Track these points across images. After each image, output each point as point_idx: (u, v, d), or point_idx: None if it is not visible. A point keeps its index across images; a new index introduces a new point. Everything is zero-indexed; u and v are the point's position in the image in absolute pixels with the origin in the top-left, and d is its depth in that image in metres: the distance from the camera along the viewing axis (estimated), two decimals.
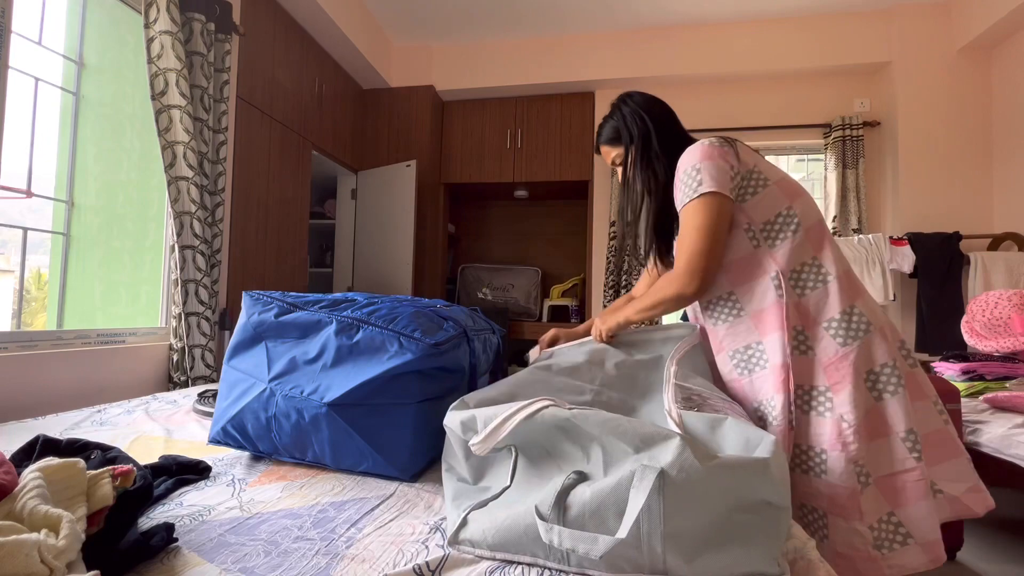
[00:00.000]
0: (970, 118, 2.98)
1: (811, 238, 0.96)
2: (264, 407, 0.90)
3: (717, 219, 0.94)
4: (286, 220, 2.78)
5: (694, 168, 0.96)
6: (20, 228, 1.73)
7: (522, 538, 0.58)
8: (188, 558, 0.59)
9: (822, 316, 0.94)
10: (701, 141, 1.00)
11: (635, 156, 1.10)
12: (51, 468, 0.57)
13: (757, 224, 0.97)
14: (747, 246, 0.97)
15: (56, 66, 1.81)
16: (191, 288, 2.02)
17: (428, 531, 0.66)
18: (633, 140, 1.10)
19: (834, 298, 0.94)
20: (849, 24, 3.10)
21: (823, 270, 0.95)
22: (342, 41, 3.01)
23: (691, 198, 0.95)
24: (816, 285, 0.95)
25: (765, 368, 0.96)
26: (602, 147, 1.19)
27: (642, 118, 1.10)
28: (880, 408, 0.91)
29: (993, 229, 2.91)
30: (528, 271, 3.83)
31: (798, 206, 0.97)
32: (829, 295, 0.94)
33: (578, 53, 3.41)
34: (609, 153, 1.18)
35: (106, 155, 1.99)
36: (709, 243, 0.94)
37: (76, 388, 1.69)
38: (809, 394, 0.94)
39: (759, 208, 0.97)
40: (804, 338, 0.94)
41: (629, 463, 0.56)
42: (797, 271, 0.95)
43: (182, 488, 0.80)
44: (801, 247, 0.96)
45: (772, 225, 0.97)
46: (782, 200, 0.97)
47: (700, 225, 0.94)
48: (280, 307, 0.97)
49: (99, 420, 1.26)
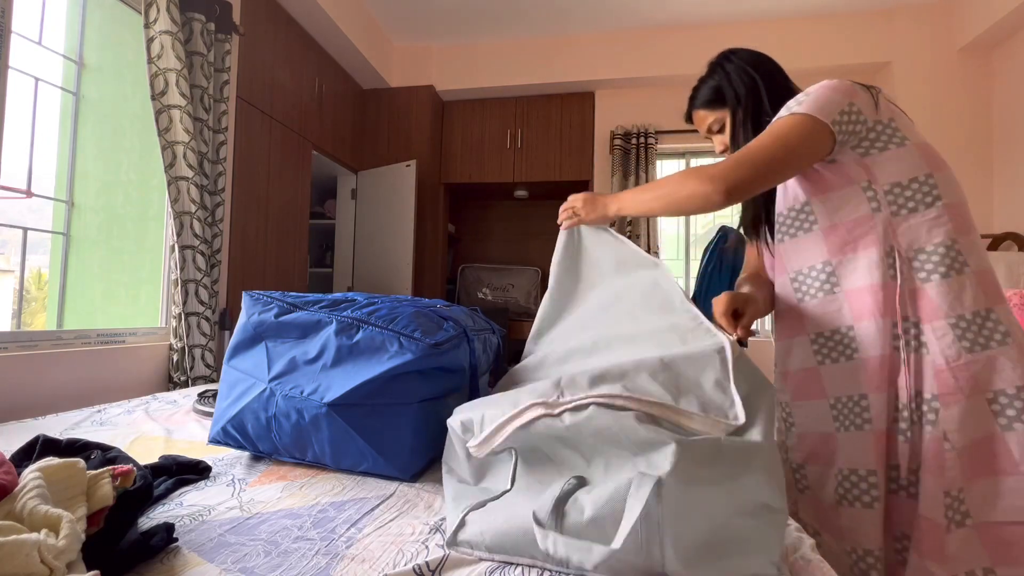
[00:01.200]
0: (970, 118, 2.98)
1: (953, 217, 0.79)
2: (264, 407, 0.90)
3: (796, 139, 0.79)
4: (286, 220, 2.78)
5: (805, 93, 0.84)
6: (20, 228, 1.73)
7: (519, 541, 0.57)
8: (188, 558, 0.59)
9: (949, 310, 0.77)
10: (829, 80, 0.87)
11: (743, 118, 0.96)
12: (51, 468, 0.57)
13: (881, 184, 0.81)
14: (863, 207, 0.81)
15: (56, 66, 1.81)
16: (191, 288, 2.02)
17: (428, 531, 0.66)
18: (741, 101, 0.96)
19: (969, 293, 0.77)
20: (849, 24, 3.10)
21: (960, 258, 0.78)
22: (342, 41, 3.01)
23: (780, 116, 0.83)
24: (948, 273, 0.78)
25: (852, 360, 0.82)
26: (697, 112, 1.05)
27: (750, 75, 0.96)
28: (1001, 440, 0.74)
29: (993, 229, 2.91)
30: (528, 271, 3.83)
31: (941, 177, 0.81)
32: (964, 288, 0.78)
33: (578, 53, 3.41)
34: (705, 119, 1.03)
35: (106, 155, 1.99)
36: (768, 155, 0.79)
37: (76, 388, 1.69)
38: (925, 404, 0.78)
39: (888, 166, 0.81)
40: (917, 332, 0.79)
41: (628, 469, 0.56)
42: (927, 252, 0.79)
43: (182, 488, 0.80)
44: (936, 224, 0.79)
45: (903, 190, 0.80)
46: (920, 165, 0.81)
47: (771, 135, 0.80)
48: (280, 307, 0.97)
49: (99, 420, 1.26)
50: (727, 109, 0.99)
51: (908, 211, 0.80)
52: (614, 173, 3.37)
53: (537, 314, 1.09)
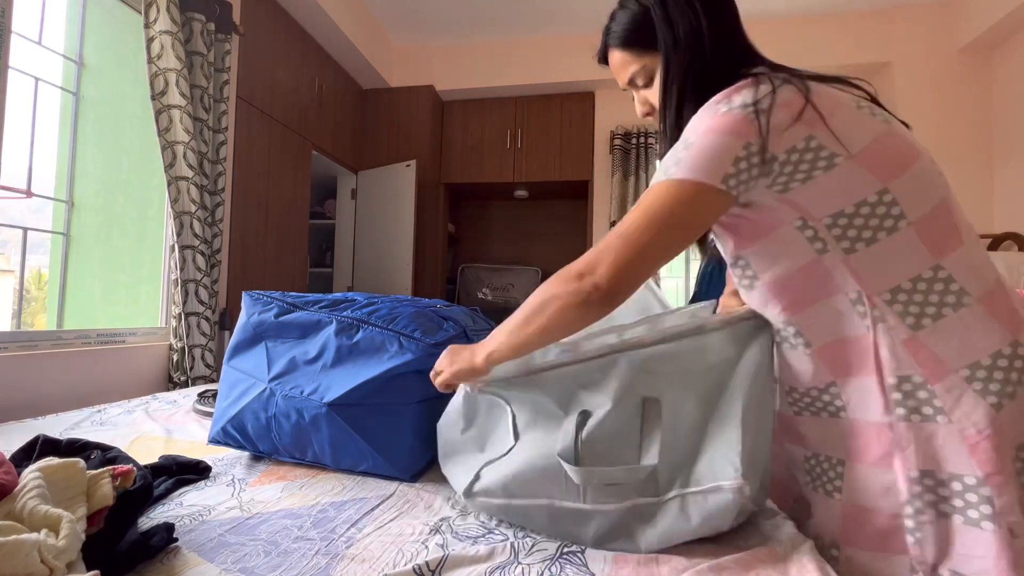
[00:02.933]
0: (970, 118, 2.98)
1: (926, 235, 0.60)
2: (264, 407, 0.90)
3: (676, 216, 0.61)
4: (286, 220, 2.78)
5: (685, 139, 0.63)
6: (20, 228, 1.73)
7: (538, 480, 0.64)
8: (188, 558, 0.59)
9: (958, 360, 0.59)
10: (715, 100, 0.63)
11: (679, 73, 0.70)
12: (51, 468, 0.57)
13: (819, 219, 0.62)
14: (806, 251, 0.63)
15: (56, 66, 1.81)
16: (191, 288, 2.02)
17: (428, 531, 0.67)
18: (677, 45, 0.69)
19: (979, 330, 0.59)
20: (849, 24, 3.10)
21: (953, 286, 0.60)
22: (342, 41, 3.01)
23: (658, 180, 0.63)
24: (943, 311, 0.60)
25: (840, 418, 0.66)
26: (614, 52, 0.78)
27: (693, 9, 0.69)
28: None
29: (993, 229, 2.91)
30: (528, 271, 3.83)
31: (899, 187, 0.60)
32: (969, 326, 0.59)
33: (578, 53, 3.40)
34: (626, 65, 0.77)
35: (106, 155, 1.99)
36: (644, 238, 0.61)
37: (76, 388, 1.69)
38: (945, 487, 0.60)
39: (822, 195, 0.61)
40: (927, 395, 0.60)
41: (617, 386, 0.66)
42: (907, 290, 0.61)
43: (182, 488, 0.80)
44: (908, 251, 0.60)
45: (850, 220, 0.61)
46: (866, 182, 0.60)
47: (646, 212, 0.61)
48: (280, 307, 0.97)
49: (99, 420, 1.26)
50: (658, 55, 0.72)
51: (864, 243, 0.61)
52: (614, 173, 3.37)
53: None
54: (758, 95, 0.61)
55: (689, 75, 0.69)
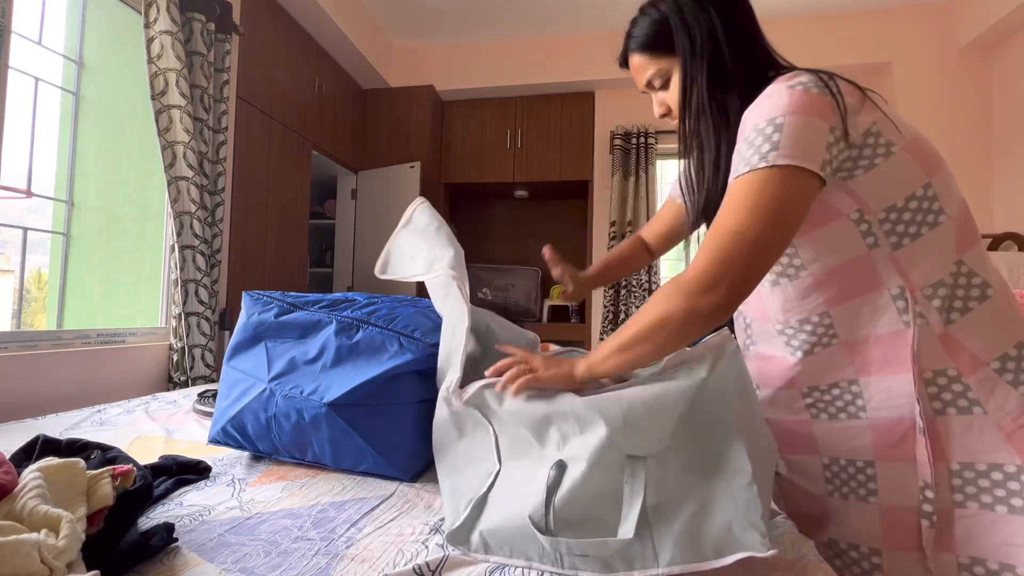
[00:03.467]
0: (970, 118, 2.98)
1: (960, 233, 0.63)
2: (264, 407, 0.90)
3: (786, 206, 0.58)
4: (286, 220, 2.78)
5: (770, 122, 0.60)
6: (20, 228, 1.73)
7: (516, 538, 0.58)
8: (188, 558, 0.59)
9: (988, 352, 0.61)
10: (791, 78, 0.62)
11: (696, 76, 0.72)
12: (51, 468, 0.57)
13: (875, 211, 0.62)
14: (858, 246, 0.63)
15: (56, 66, 1.81)
16: (191, 288, 2.02)
17: (428, 531, 0.66)
18: (696, 49, 0.71)
19: (1002, 321, 0.62)
20: (849, 24, 3.10)
21: (976, 279, 0.62)
22: (342, 41, 3.01)
23: (753, 167, 0.59)
24: (969, 304, 0.61)
25: (860, 419, 0.65)
26: (633, 56, 0.79)
27: (707, 15, 0.70)
28: None
29: (993, 229, 2.91)
30: (528, 271, 3.83)
31: (938, 183, 0.63)
32: (994, 318, 0.61)
33: (578, 53, 3.41)
34: (644, 68, 0.78)
35: (106, 155, 1.99)
36: (758, 240, 0.57)
37: (76, 388, 1.69)
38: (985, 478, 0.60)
39: (878, 186, 0.61)
40: (961, 388, 0.61)
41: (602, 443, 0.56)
42: (948, 285, 0.62)
43: (182, 488, 0.80)
44: (946, 247, 0.62)
45: (900, 214, 0.61)
46: (916, 174, 0.62)
47: (755, 207, 0.58)
48: (280, 307, 0.97)
49: (99, 420, 1.26)
50: (675, 58, 0.74)
51: (911, 238, 0.62)
52: (614, 173, 3.37)
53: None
54: (824, 80, 0.61)
55: (706, 77, 0.71)
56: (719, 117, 0.71)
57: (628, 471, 0.55)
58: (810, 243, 0.66)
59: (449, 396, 0.72)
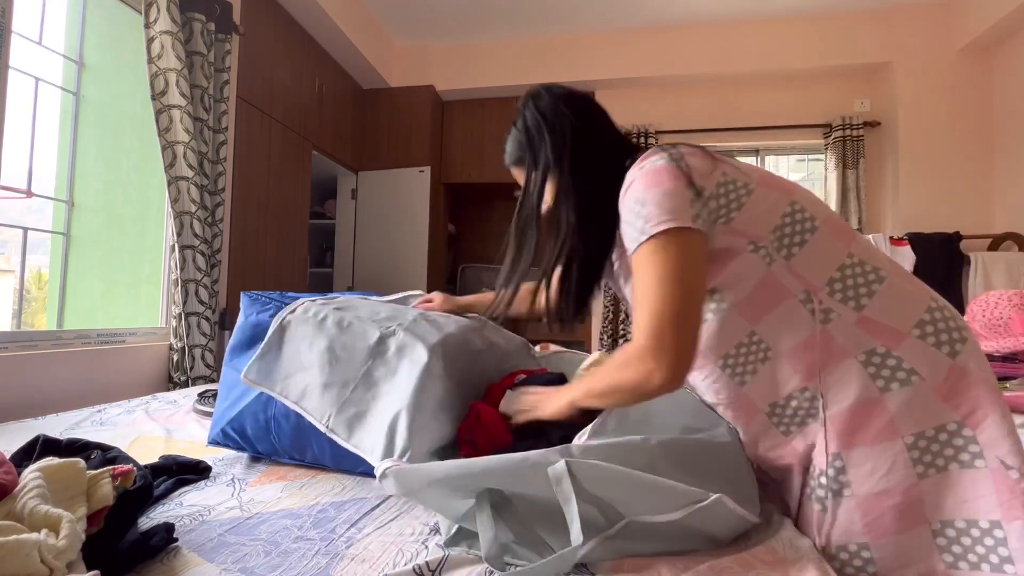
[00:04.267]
0: (970, 118, 2.98)
1: (836, 231, 0.71)
2: (263, 408, 0.90)
3: (686, 262, 0.64)
4: (286, 220, 2.78)
5: (637, 201, 0.68)
6: (20, 228, 1.73)
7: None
8: (188, 558, 0.59)
9: (905, 323, 0.67)
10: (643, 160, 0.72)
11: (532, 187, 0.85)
12: (51, 468, 0.57)
13: (765, 237, 0.70)
14: (759, 267, 0.70)
15: (56, 66, 1.81)
16: (191, 288, 2.02)
17: (428, 531, 0.66)
18: (537, 164, 0.83)
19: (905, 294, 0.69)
20: (849, 24, 3.10)
21: (866, 266, 0.69)
22: (342, 41, 3.01)
23: (639, 242, 0.66)
24: (872, 287, 0.68)
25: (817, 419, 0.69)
26: (512, 169, 0.93)
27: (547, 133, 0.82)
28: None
29: (993, 229, 2.91)
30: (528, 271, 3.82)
31: (800, 198, 0.72)
32: (900, 292, 0.69)
33: (578, 53, 3.41)
34: (519, 177, 0.91)
35: (106, 155, 1.99)
36: (680, 299, 0.63)
37: (76, 388, 1.69)
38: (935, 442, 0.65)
39: (756, 217, 0.70)
40: (895, 362, 0.65)
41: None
42: (838, 279, 0.69)
43: (182, 488, 0.80)
44: (828, 245, 0.70)
45: (782, 230, 0.70)
46: (778, 198, 0.72)
47: (663, 275, 0.64)
48: (278, 307, 0.97)
49: (99, 420, 1.26)
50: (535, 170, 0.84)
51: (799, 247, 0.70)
52: None
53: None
54: (670, 153, 0.70)
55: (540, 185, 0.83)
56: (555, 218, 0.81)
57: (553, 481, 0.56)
58: (725, 281, 0.71)
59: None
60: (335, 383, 0.83)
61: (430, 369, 0.81)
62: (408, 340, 0.85)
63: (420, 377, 0.80)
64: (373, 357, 0.84)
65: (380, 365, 0.84)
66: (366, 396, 0.82)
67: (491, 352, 1.02)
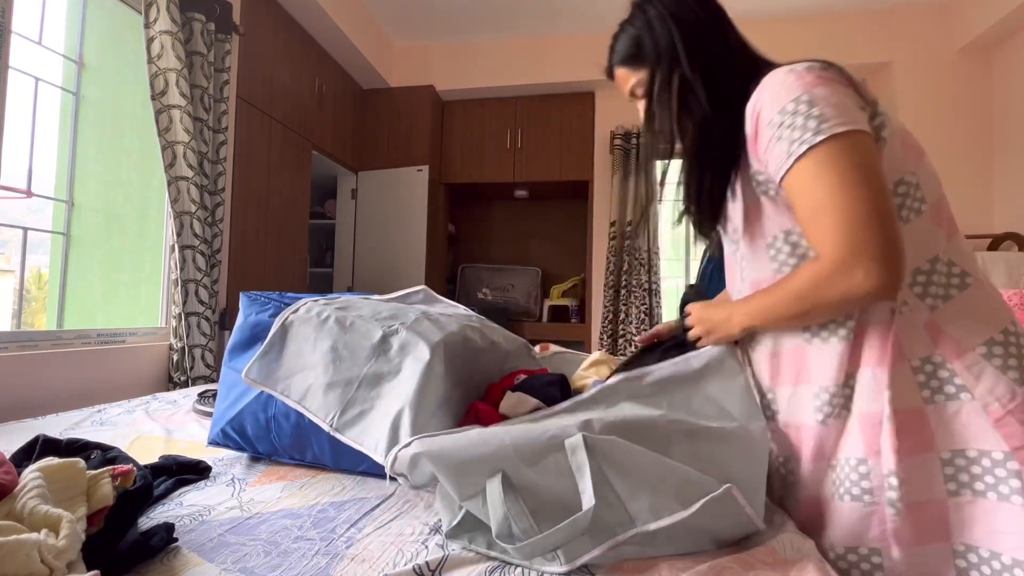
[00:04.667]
0: (970, 118, 2.98)
1: (940, 220, 0.64)
2: (263, 407, 0.90)
3: (873, 163, 0.58)
4: (286, 220, 2.78)
5: (797, 102, 0.60)
6: (20, 228, 1.73)
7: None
8: (188, 558, 0.59)
9: (973, 337, 0.61)
10: (787, 68, 0.65)
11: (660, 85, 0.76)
12: (51, 468, 0.57)
13: None
14: None
15: (56, 66, 1.81)
16: (191, 288, 2.02)
17: (428, 531, 0.66)
18: (661, 60, 0.75)
19: (985, 308, 0.63)
20: (849, 24, 3.10)
21: (955, 268, 0.63)
22: (342, 41, 3.01)
23: (810, 145, 0.59)
24: (950, 292, 0.62)
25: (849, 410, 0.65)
26: (617, 69, 0.84)
27: (667, 27, 0.74)
28: None
29: (993, 229, 2.91)
30: (528, 271, 3.82)
31: (922, 172, 0.65)
32: (980, 305, 0.63)
33: (578, 53, 3.40)
34: (626, 79, 0.83)
35: (106, 155, 1.99)
36: (875, 199, 0.57)
37: (76, 388, 1.69)
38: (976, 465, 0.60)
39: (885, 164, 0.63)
40: (947, 374, 0.61)
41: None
42: (925, 271, 0.63)
43: (182, 488, 0.80)
44: (929, 233, 0.63)
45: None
46: (904, 160, 0.64)
47: (849, 179, 0.57)
48: (277, 307, 0.97)
49: (99, 420, 1.26)
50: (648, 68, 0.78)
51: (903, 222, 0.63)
52: (614, 173, 3.37)
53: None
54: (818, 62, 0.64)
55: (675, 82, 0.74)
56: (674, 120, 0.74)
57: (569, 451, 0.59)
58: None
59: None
60: (339, 382, 0.83)
61: (432, 367, 0.81)
62: (411, 338, 0.85)
63: (422, 375, 0.80)
64: (376, 355, 0.84)
65: (383, 363, 0.84)
66: (370, 395, 0.82)
67: (492, 351, 1.02)
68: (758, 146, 0.65)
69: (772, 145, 0.63)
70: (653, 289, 3.30)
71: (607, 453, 0.59)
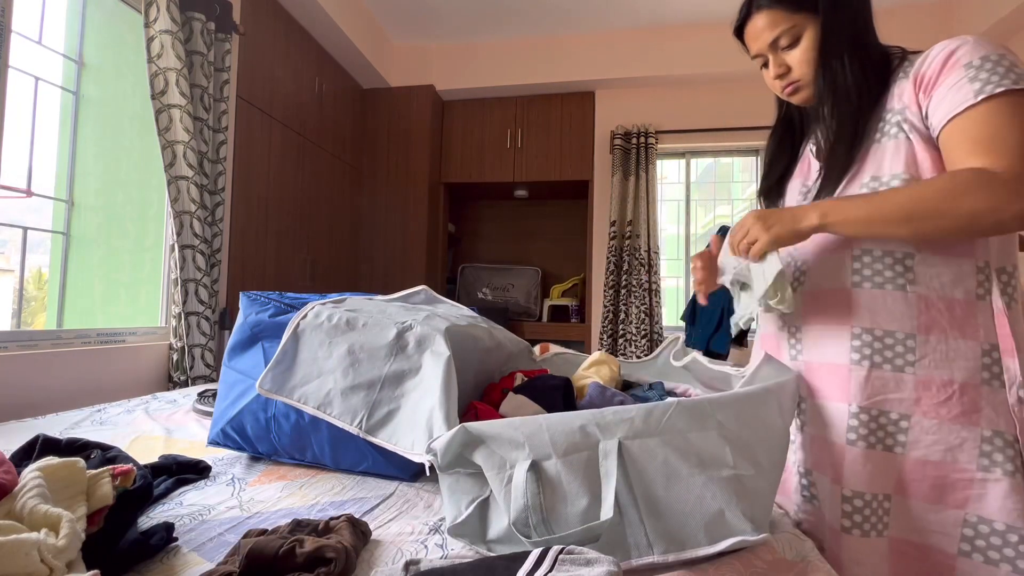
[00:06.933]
0: None
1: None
2: (263, 407, 0.90)
3: None
4: (286, 220, 2.78)
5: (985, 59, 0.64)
6: (20, 228, 1.73)
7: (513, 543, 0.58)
8: (188, 557, 0.59)
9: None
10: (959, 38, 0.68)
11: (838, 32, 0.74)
12: (51, 467, 0.57)
13: None
14: None
15: (56, 66, 1.81)
16: (191, 288, 2.02)
17: (428, 531, 0.67)
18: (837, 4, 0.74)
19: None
20: None
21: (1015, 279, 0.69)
22: (342, 41, 3.01)
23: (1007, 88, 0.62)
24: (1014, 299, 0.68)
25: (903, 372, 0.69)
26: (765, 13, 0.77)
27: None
28: None
29: None
30: (528, 271, 3.83)
31: None
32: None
33: (578, 53, 3.40)
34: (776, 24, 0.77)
35: (106, 155, 1.99)
36: None
37: (76, 388, 1.69)
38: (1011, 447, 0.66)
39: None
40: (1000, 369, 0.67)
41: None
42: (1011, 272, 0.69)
43: (182, 488, 0.80)
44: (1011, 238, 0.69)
45: None
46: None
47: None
48: (276, 307, 0.97)
49: (99, 420, 1.26)
50: (807, 14, 0.74)
51: None
52: (614, 173, 3.37)
53: None
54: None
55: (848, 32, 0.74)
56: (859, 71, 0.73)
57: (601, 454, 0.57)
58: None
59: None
60: (361, 385, 0.82)
61: (452, 361, 0.81)
62: (426, 331, 0.85)
63: (445, 370, 0.80)
64: (394, 353, 0.84)
65: (403, 361, 0.83)
66: (394, 394, 0.81)
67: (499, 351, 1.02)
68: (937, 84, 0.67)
69: (961, 83, 0.64)
70: (653, 289, 3.30)
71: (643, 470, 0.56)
